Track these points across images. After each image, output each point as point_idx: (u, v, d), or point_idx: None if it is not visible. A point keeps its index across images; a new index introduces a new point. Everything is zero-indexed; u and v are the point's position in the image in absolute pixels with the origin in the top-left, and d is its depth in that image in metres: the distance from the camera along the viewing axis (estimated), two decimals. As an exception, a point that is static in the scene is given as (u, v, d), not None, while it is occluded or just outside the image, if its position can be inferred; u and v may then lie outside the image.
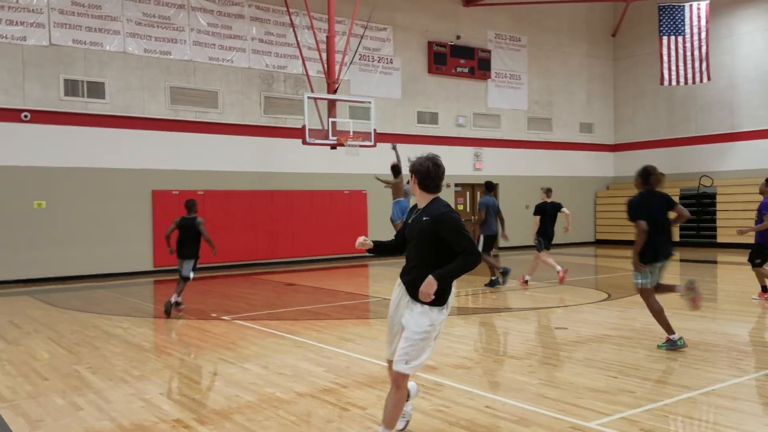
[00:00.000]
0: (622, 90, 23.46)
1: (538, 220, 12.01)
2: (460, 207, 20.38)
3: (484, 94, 20.51)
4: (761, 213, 9.41)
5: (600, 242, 22.73)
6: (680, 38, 19.12)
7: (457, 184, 20.10)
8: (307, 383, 5.47)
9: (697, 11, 18.86)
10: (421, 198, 3.96)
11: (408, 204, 13.44)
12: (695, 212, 20.26)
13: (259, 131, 16.35)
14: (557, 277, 11.55)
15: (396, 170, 13.24)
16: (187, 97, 15.41)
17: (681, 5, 18.97)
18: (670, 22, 19.06)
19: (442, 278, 3.71)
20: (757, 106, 19.71)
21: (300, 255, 16.43)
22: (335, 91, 14.70)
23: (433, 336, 3.87)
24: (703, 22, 18.79)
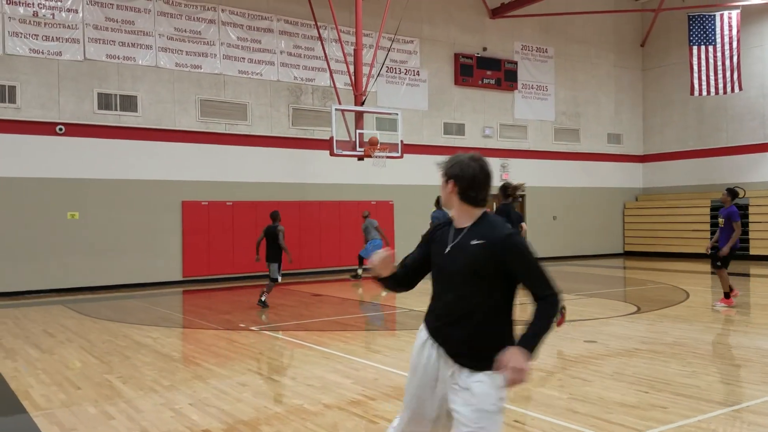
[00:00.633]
0: (651, 100, 23.19)
1: None
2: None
3: (511, 105, 20.45)
4: (730, 221, 9.82)
5: (629, 254, 22.42)
6: (711, 48, 18.86)
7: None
8: (334, 395, 5.48)
9: (728, 20, 18.61)
10: (463, 213, 2.86)
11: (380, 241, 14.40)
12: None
13: (288, 143, 16.52)
14: None
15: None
16: (217, 110, 15.64)
17: (712, 14, 18.74)
18: (701, 31, 18.84)
19: (534, 348, 2.61)
20: (791, 116, 19.32)
21: (327, 265, 16.50)
22: (362, 103, 14.79)
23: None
24: (735, 31, 18.53)
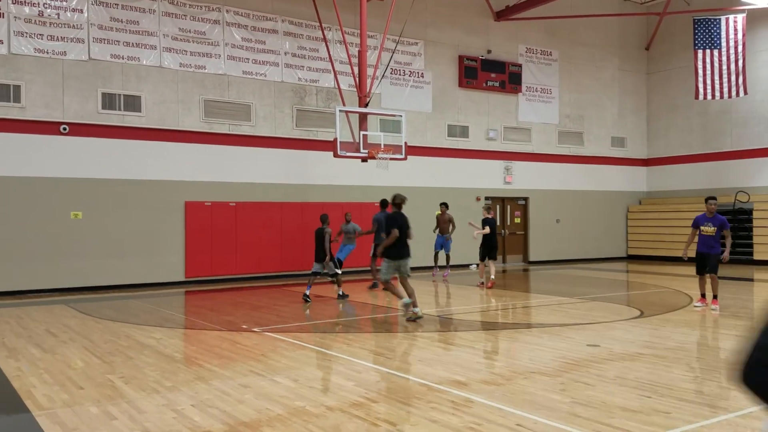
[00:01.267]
0: (655, 104, 23.16)
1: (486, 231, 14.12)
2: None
3: (515, 108, 20.44)
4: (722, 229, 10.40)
5: (632, 258, 22.37)
6: (716, 51, 18.83)
7: (488, 198, 20.02)
8: (336, 397, 5.48)
9: (733, 24, 18.58)
10: None
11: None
12: (731, 228, 19.83)
13: (291, 144, 16.53)
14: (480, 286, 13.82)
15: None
16: (221, 111, 15.66)
17: (717, 18, 18.70)
18: (706, 35, 18.81)
19: None
20: (795, 121, 19.28)
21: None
22: (366, 105, 14.79)
23: None
24: (740, 35, 18.50)
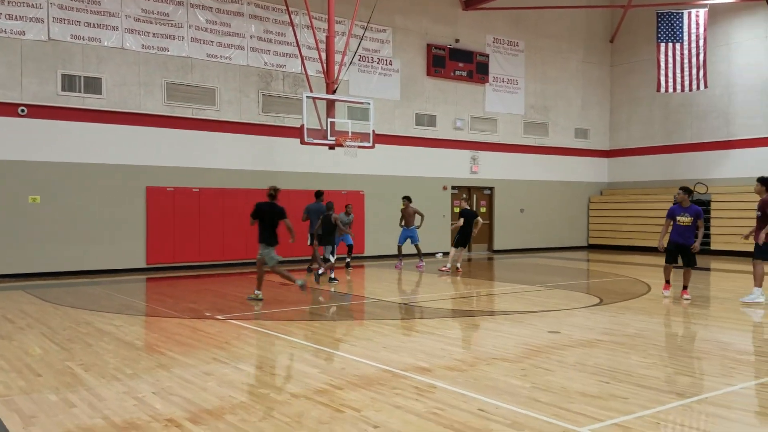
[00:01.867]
0: (618, 96, 23.54)
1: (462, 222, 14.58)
2: (456, 209, 20.42)
3: (482, 98, 20.56)
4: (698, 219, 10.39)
5: (593, 247, 22.80)
6: (678, 45, 19.18)
7: (454, 187, 20.13)
8: (301, 384, 5.47)
9: (695, 18, 18.94)
10: None
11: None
12: (689, 219, 20.34)
13: (257, 130, 16.35)
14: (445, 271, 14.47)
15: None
16: (184, 94, 15.39)
17: (680, 12, 19.04)
18: (668, 29, 19.14)
19: None
20: (753, 115, 19.81)
21: (296, 255, 16.38)
22: (334, 92, 14.70)
23: None
24: (702, 29, 18.88)
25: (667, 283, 10.68)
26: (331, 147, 14.53)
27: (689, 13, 19.00)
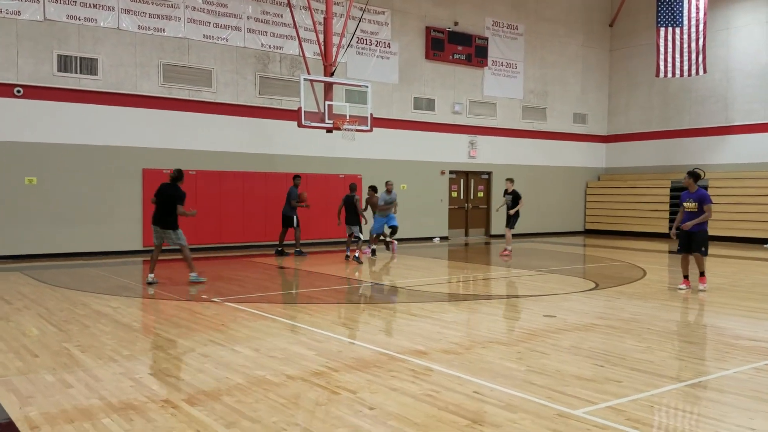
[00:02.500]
0: (617, 81, 23.46)
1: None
2: (454, 194, 20.41)
3: (481, 82, 20.47)
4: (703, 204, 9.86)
5: (589, 232, 22.85)
6: (678, 30, 19.09)
7: (452, 171, 20.11)
8: (297, 366, 5.49)
9: (696, 3, 18.83)
10: None
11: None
12: (686, 205, 20.37)
13: (254, 112, 16.27)
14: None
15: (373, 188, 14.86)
16: (180, 75, 15.29)
17: (679, -3, 18.93)
18: (668, 13, 19.03)
19: None
20: (751, 100, 19.77)
21: (293, 238, 16.40)
22: (332, 74, 14.62)
23: None
24: (702, 13, 18.77)
25: (685, 278, 10.01)
26: (329, 130, 14.48)
27: (689, -2, 18.87)
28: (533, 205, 21.70)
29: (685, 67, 19.11)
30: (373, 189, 14.79)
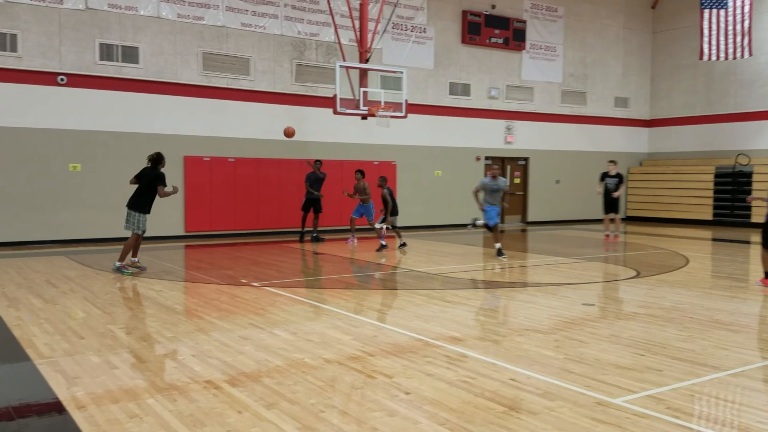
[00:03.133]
0: (660, 64, 22.88)
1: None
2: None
3: (518, 66, 20.19)
4: None
5: (630, 219, 22.43)
6: (722, 12, 18.51)
7: (488, 158, 19.94)
8: (334, 350, 5.56)
9: (742, -17, 18.21)
10: None
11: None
12: (730, 191, 19.85)
13: (290, 99, 16.37)
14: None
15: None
16: (219, 64, 15.45)
17: (726, -23, 18.33)
18: (714, -6, 18.46)
19: None
20: (800, 84, 19.09)
21: (328, 225, 16.51)
22: (367, 61, 14.59)
23: None
24: (748, -6, 18.16)
25: (766, 276, 8.90)
26: (364, 117, 14.48)
27: (736, -23, 18.27)
28: (573, 191, 21.40)
29: (730, 50, 18.54)
30: (360, 173, 14.14)
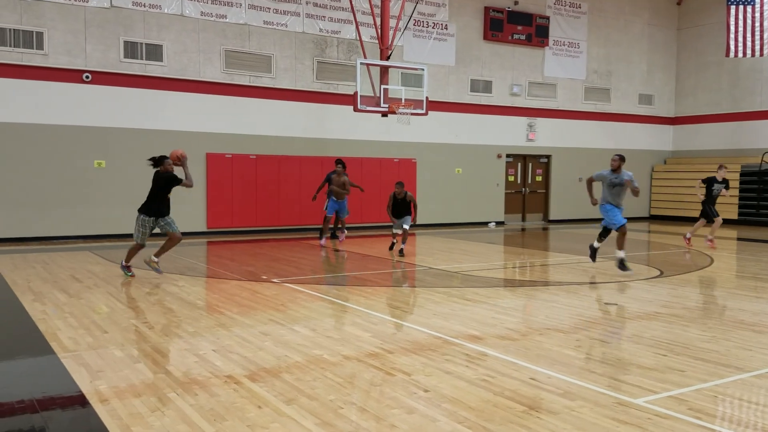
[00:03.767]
0: (685, 61, 22.55)
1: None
2: (511, 178, 20.13)
3: (541, 63, 20.03)
4: None
5: (654, 218, 22.16)
6: (749, 8, 18.20)
7: (509, 155, 19.83)
8: (353, 347, 5.57)
9: (770, -22, 17.88)
10: None
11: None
12: (756, 189, 19.51)
13: (311, 97, 16.42)
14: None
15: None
16: (241, 61, 15.55)
17: (754, -29, 18.01)
18: (741, -11, 18.15)
19: None
20: (830, 80, 18.69)
21: (348, 222, 16.56)
22: (388, 58, 14.59)
23: None
24: (777, -11, 17.83)
25: None
26: (384, 114, 14.48)
27: (765, -28, 17.93)
28: (595, 189, 21.16)
29: (757, 47, 18.22)
30: (342, 165, 13.39)
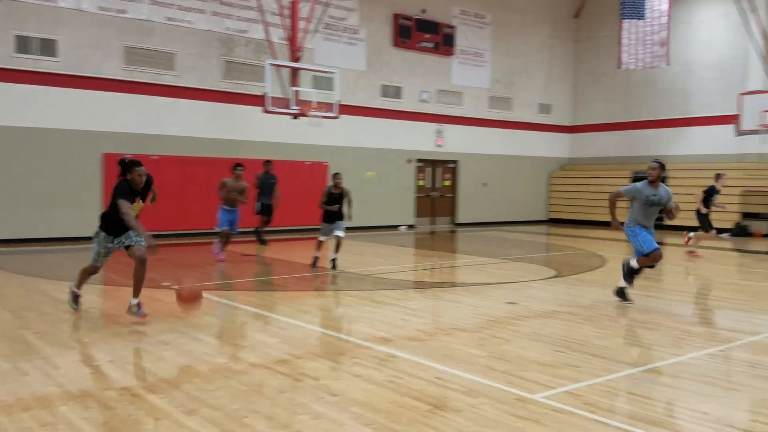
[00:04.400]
0: (582, 72, 23.75)
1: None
2: (421, 182, 20.47)
3: (448, 71, 20.51)
4: None
5: (553, 221, 23.17)
6: (641, 22, 19.37)
7: (419, 160, 20.16)
8: (260, 354, 5.47)
9: (659, -4, 19.12)
10: None
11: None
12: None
13: (219, 97, 16.04)
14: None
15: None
16: (143, 58, 14.98)
17: (643, -11, 19.18)
18: (632, 5, 19.26)
19: None
20: (710, 93, 20.22)
21: (257, 225, 16.26)
22: (298, 60, 14.49)
23: None
24: (665, 6, 19.07)
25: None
26: (295, 116, 14.37)
27: (653, -9, 19.15)
28: (499, 194, 21.91)
29: (648, 59, 19.42)
30: (240, 167, 11.72)
